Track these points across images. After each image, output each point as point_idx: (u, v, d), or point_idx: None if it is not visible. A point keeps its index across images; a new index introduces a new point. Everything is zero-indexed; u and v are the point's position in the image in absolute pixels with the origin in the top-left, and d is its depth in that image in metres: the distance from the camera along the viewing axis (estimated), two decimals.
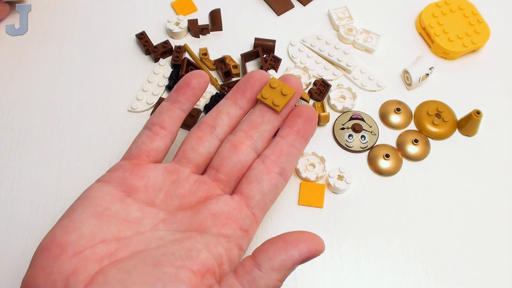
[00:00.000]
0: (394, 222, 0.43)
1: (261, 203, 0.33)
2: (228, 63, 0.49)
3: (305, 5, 0.55)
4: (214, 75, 0.50)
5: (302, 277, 0.41)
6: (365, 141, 0.46)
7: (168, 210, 0.32)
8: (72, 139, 0.46)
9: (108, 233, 0.29)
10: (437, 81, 0.50)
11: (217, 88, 0.49)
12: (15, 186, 0.44)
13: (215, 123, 0.36)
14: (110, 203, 0.31)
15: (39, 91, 0.49)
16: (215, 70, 0.50)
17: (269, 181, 0.34)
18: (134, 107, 0.48)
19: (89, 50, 0.51)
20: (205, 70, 0.50)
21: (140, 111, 0.48)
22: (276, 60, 0.50)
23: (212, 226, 0.31)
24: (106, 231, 0.29)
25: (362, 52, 0.52)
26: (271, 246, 0.30)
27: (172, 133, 0.36)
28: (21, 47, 0.51)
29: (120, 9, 0.54)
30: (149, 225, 0.31)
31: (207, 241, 0.30)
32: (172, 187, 0.33)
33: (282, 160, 0.35)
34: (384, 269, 0.41)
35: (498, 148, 0.47)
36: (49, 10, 0.54)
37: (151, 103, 0.48)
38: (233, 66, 0.50)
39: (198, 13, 0.54)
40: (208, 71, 0.50)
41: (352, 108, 0.48)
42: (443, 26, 0.51)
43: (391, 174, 0.45)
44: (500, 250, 0.42)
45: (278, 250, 0.30)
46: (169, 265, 0.28)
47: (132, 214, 0.31)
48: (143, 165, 0.34)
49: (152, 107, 0.48)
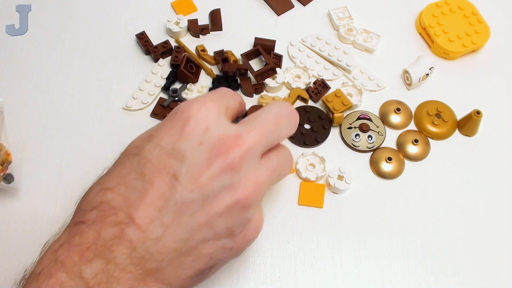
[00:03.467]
0: (394, 222, 0.43)
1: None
2: (226, 55, 0.50)
3: (305, 5, 0.55)
4: (214, 70, 0.50)
5: (302, 277, 0.41)
6: (372, 141, 0.46)
7: None
8: (72, 139, 0.46)
9: None
10: (437, 81, 0.50)
11: (211, 77, 0.50)
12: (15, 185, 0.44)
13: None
14: None
15: (39, 91, 0.49)
16: (215, 65, 0.50)
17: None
18: (129, 105, 0.48)
19: (89, 50, 0.51)
20: (203, 65, 0.50)
21: (135, 110, 0.48)
22: (277, 57, 0.50)
23: None
24: None
25: (362, 52, 0.52)
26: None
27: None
28: (21, 47, 0.51)
29: (120, 9, 0.54)
30: None
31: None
32: None
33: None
34: (384, 269, 0.41)
35: (498, 148, 0.47)
36: (49, 10, 0.54)
37: (146, 103, 0.48)
38: (234, 61, 0.50)
39: (198, 13, 0.54)
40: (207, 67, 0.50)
41: (359, 104, 0.48)
42: (443, 26, 0.51)
43: (393, 177, 0.45)
44: (500, 250, 0.42)
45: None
46: None
47: None
48: None
49: (147, 106, 0.48)
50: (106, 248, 0.29)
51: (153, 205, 0.29)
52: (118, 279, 0.28)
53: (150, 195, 0.30)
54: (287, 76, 0.49)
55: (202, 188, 0.30)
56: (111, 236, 0.29)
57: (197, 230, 0.30)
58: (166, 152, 0.30)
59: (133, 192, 0.30)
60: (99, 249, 0.29)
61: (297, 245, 0.42)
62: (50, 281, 0.28)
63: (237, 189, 0.31)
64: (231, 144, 0.31)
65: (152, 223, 0.29)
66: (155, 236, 0.29)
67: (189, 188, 0.30)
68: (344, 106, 0.46)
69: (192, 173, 0.30)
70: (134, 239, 0.29)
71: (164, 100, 0.48)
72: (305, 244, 0.42)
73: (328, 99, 0.47)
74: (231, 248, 0.32)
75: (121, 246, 0.29)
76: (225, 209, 0.30)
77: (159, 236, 0.29)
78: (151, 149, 0.31)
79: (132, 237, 0.29)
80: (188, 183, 0.30)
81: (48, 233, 0.32)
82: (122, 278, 0.29)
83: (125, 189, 0.30)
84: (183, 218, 0.30)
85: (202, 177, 0.30)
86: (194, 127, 0.31)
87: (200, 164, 0.30)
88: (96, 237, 0.29)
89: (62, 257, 0.29)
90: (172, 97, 0.48)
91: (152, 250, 0.29)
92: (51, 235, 0.32)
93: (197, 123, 0.31)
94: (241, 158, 0.31)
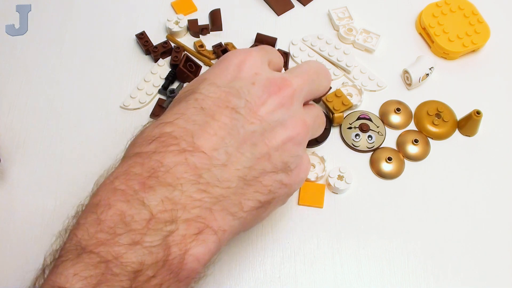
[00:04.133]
0: (394, 222, 0.43)
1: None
2: (226, 46, 0.50)
3: (305, 5, 0.55)
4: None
5: (302, 277, 0.41)
6: (372, 141, 0.46)
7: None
8: (72, 139, 0.46)
9: None
10: (437, 81, 0.50)
11: (210, 66, 0.50)
12: (15, 185, 0.44)
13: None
14: None
15: (39, 91, 0.49)
16: (215, 59, 0.50)
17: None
18: (126, 104, 0.48)
19: (89, 50, 0.51)
20: (205, 60, 0.50)
21: (132, 109, 0.48)
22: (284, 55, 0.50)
23: None
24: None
25: (362, 52, 0.52)
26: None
27: None
28: (21, 47, 0.51)
29: (120, 9, 0.54)
30: None
31: None
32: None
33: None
34: (384, 269, 0.41)
35: (498, 148, 0.47)
36: (49, 10, 0.54)
37: (144, 102, 0.48)
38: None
39: (198, 13, 0.54)
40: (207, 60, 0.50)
41: (359, 104, 0.48)
42: (443, 26, 0.51)
43: (393, 177, 0.45)
44: (500, 250, 0.42)
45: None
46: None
47: None
48: None
49: (145, 106, 0.48)
50: (170, 176, 0.28)
51: (216, 134, 0.30)
52: (184, 207, 0.28)
53: (212, 125, 0.30)
54: None
55: (261, 121, 0.32)
56: (174, 163, 0.29)
57: (258, 160, 0.31)
58: (223, 89, 0.32)
59: (193, 125, 0.30)
60: (163, 176, 0.28)
61: (297, 245, 0.42)
62: (110, 212, 0.27)
63: (289, 126, 0.33)
64: (280, 85, 0.33)
65: (216, 150, 0.30)
66: (221, 162, 0.30)
67: (249, 119, 0.31)
68: (344, 106, 0.46)
69: (250, 107, 0.32)
70: (199, 166, 0.29)
71: (163, 101, 0.48)
72: (305, 244, 0.42)
73: (328, 99, 0.47)
74: (287, 184, 0.33)
75: (186, 173, 0.29)
76: (281, 143, 0.32)
77: (224, 163, 0.30)
78: (208, 87, 0.32)
79: (197, 164, 0.29)
80: (247, 115, 0.31)
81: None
82: (188, 206, 0.28)
83: (185, 122, 0.31)
84: (245, 147, 0.31)
85: (259, 111, 0.32)
86: (245, 70, 0.33)
87: (256, 100, 0.32)
88: (158, 166, 0.28)
89: (122, 186, 0.28)
90: (170, 97, 0.48)
91: (218, 176, 0.29)
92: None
93: (247, 68, 0.34)
94: (290, 98, 0.33)
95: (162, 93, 0.49)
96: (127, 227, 0.27)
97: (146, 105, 0.48)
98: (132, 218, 0.27)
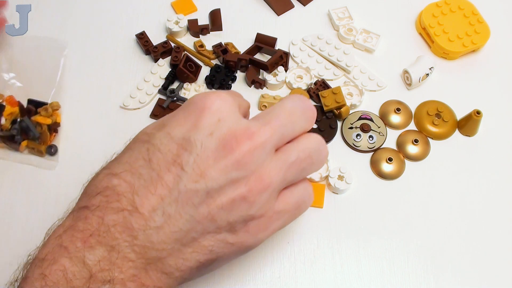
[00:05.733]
0: (394, 222, 0.43)
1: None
2: (226, 46, 0.50)
3: (305, 5, 0.55)
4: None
5: (302, 277, 0.41)
6: (373, 142, 0.46)
7: None
8: (72, 139, 0.46)
9: None
10: (437, 81, 0.50)
11: (210, 66, 0.50)
12: (15, 186, 0.44)
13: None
14: None
15: (39, 91, 0.49)
16: (215, 59, 0.50)
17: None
18: (126, 104, 0.48)
19: (89, 50, 0.51)
20: (205, 60, 0.50)
21: (132, 109, 0.48)
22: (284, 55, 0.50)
23: None
24: None
25: (362, 52, 0.52)
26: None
27: None
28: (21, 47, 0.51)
29: (120, 9, 0.54)
30: None
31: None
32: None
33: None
34: (384, 269, 0.41)
35: (498, 148, 0.47)
36: (49, 10, 0.54)
37: (143, 102, 0.48)
38: (235, 52, 0.50)
39: (198, 13, 0.54)
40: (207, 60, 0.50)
41: (359, 104, 0.48)
42: (443, 26, 0.51)
43: (394, 178, 0.45)
44: (500, 250, 0.42)
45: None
46: None
47: None
48: None
49: (145, 106, 0.48)
50: (109, 235, 0.29)
51: (157, 193, 0.30)
52: (120, 267, 0.29)
53: (155, 183, 0.30)
54: (290, 76, 0.49)
55: (206, 180, 0.30)
56: (113, 222, 0.29)
57: (199, 221, 0.30)
58: (176, 141, 0.31)
59: (138, 180, 0.30)
60: (102, 235, 0.29)
61: (297, 245, 0.42)
62: (54, 267, 0.28)
63: (242, 183, 0.30)
64: (240, 138, 0.30)
65: (155, 211, 0.29)
66: (157, 224, 0.29)
67: (194, 178, 0.30)
68: (336, 104, 0.46)
69: (199, 164, 0.30)
70: (136, 227, 0.29)
71: (163, 101, 0.48)
72: (305, 244, 0.42)
73: (323, 94, 0.47)
74: (233, 243, 0.32)
75: (123, 233, 0.29)
76: (227, 202, 0.30)
77: (161, 225, 0.29)
78: (162, 138, 0.31)
79: (134, 224, 0.29)
80: (193, 173, 0.30)
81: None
82: (123, 266, 0.29)
83: (131, 176, 0.30)
84: (186, 208, 0.30)
85: (208, 169, 0.30)
86: (207, 118, 0.31)
87: (208, 156, 0.30)
88: (99, 223, 0.29)
89: (66, 242, 0.29)
90: (170, 97, 0.48)
91: (153, 239, 0.29)
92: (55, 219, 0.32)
93: (211, 114, 0.31)
94: (250, 153, 0.30)
95: (162, 93, 0.49)
96: (68, 284, 0.28)
97: (146, 105, 0.48)
98: (74, 276, 0.28)
